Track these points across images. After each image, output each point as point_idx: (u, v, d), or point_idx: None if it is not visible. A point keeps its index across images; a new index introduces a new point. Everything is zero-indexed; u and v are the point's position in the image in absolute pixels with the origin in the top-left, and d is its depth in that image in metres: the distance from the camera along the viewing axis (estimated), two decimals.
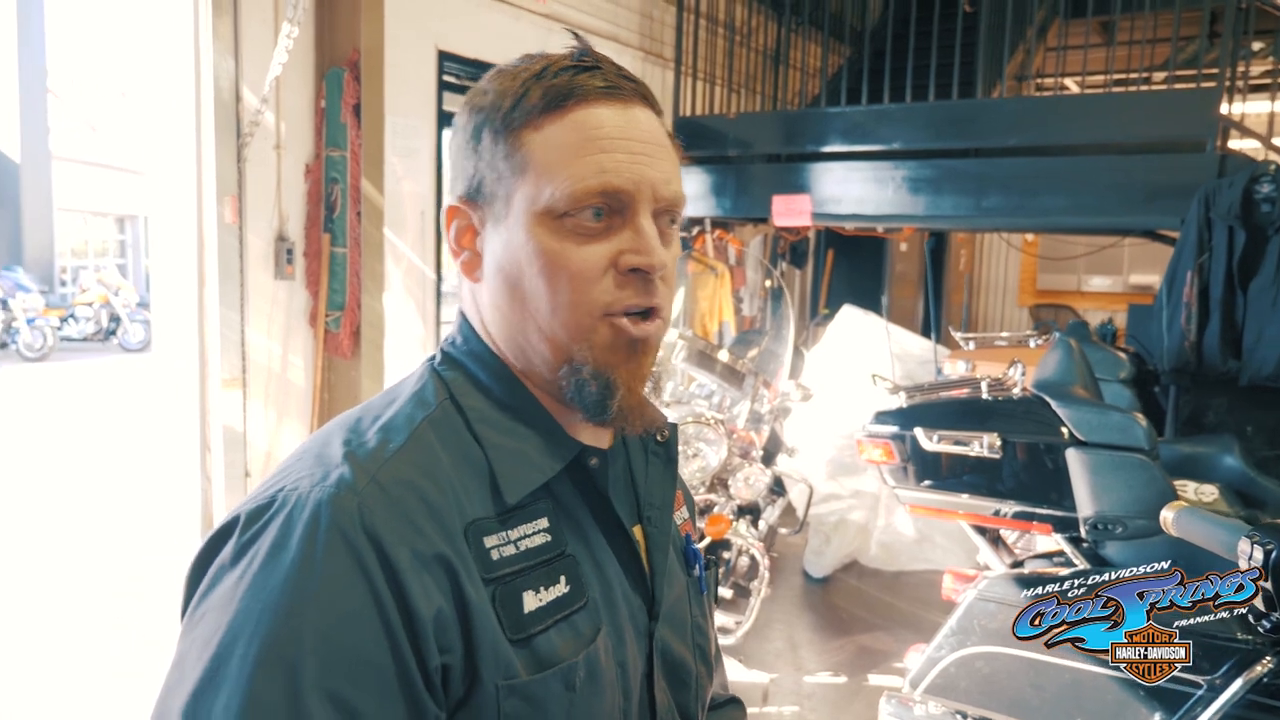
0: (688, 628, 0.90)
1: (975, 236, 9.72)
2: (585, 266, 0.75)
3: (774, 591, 4.32)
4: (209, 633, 0.64)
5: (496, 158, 0.77)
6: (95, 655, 3.35)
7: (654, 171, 0.76)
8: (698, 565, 0.94)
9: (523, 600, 0.72)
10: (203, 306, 3.53)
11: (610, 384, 0.76)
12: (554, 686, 0.73)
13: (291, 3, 3.41)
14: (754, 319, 6.05)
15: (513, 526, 0.74)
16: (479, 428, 0.76)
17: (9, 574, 4.29)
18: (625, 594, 0.82)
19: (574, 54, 0.78)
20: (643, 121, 0.78)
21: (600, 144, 0.75)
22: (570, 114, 0.75)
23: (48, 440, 7.42)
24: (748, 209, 5.46)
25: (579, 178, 0.74)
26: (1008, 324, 9.68)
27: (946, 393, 2.85)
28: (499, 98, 0.77)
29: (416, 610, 0.66)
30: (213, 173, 3.47)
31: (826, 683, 3.49)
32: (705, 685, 0.93)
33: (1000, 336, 4.43)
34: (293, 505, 0.67)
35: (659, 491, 0.88)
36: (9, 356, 12.37)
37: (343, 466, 0.69)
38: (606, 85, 0.76)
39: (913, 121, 4.95)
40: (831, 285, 7.82)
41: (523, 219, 0.76)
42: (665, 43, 5.76)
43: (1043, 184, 4.61)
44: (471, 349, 0.81)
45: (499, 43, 4.59)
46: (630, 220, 0.76)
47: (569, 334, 0.76)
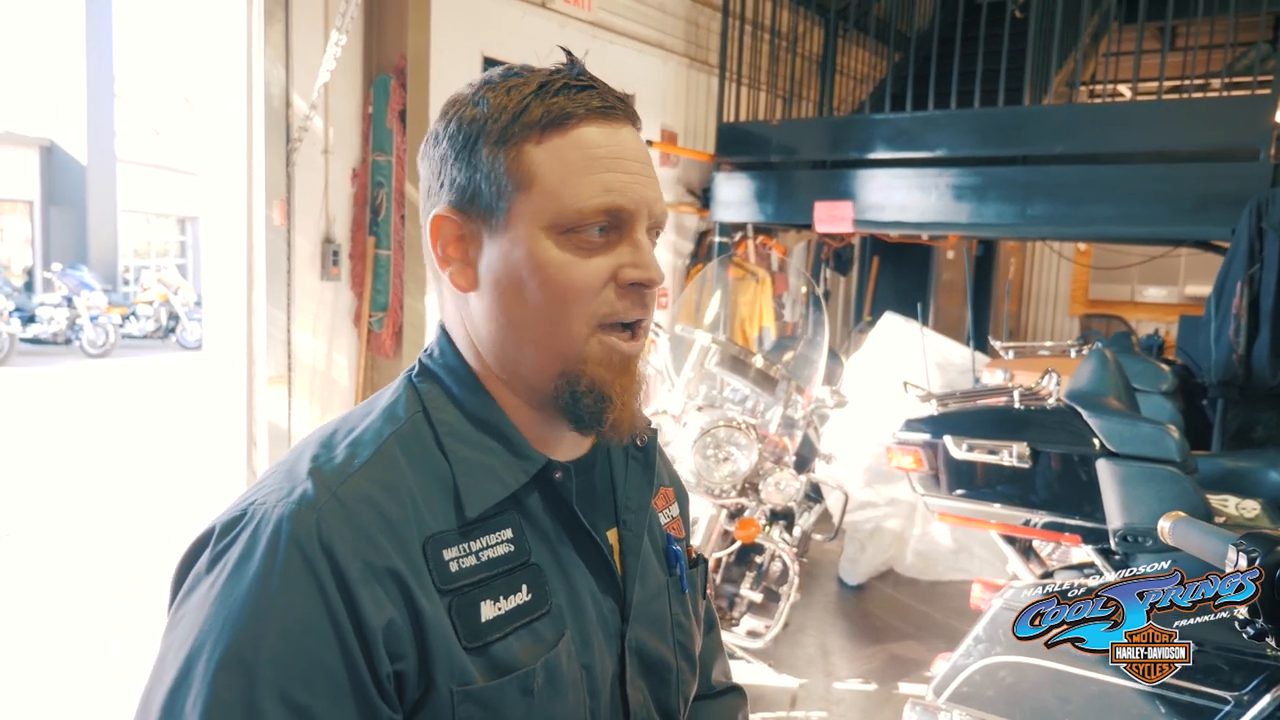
0: (668, 626, 0.92)
1: (1025, 245, 9.58)
2: (589, 280, 0.78)
3: (808, 598, 4.32)
4: (184, 635, 0.70)
5: (496, 170, 0.79)
6: (116, 653, 3.47)
7: (649, 191, 0.81)
8: (679, 565, 0.96)
9: (480, 609, 0.75)
10: (251, 306, 3.64)
11: (606, 399, 0.80)
12: (509, 692, 0.75)
13: (340, 11, 3.51)
14: (795, 325, 6.03)
15: (475, 538, 0.77)
16: (447, 441, 0.80)
17: (36, 569, 4.45)
18: (595, 598, 0.84)
19: (569, 72, 0.81)
20: (633, 141, 0.81)
21: (604, 163, 0.78)
22: (572, 132, 0.78)
23: (105, 435, 7.67)
24: (790, 215, 5.46)
25: (586, 196, 0.77)
26: (1058, 334, 9.51)
27: (978, 401, 2.83)
28: (496, 111, 0.79)
29: (367, 620, 0.70)
30: (262, 176, 3.57)
31: (856, 689, 3.48)
32: (688, 681, 0.95)
33: (1043, 346, 4.38)
34: (259, 519, 0.72)
35: (636, 495, 0.91)
36: (73, 352, 12.77)
37: (307, 482, 0.73)
38: (604, 106, 0.79)
39: (958, 128, 4.91)
40: (876, 292, 7.76)
41: (526, 232, 0.78)
42: (710, 49, 5.79)
43: (1090, 192, 4.55)
44: (447, 362, 0.84)
45: (544, 50, 4.62)
46: (627, 236, 0.80)
47: (567, 345, 0.79)
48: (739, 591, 3.35)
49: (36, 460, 6.65)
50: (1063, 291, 9.93)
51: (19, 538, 4.77)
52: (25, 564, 4.42)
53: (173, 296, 14.34)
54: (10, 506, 5.34)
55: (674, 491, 1.03)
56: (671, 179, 5.69)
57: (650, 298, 0.81)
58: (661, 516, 0.98)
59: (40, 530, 4.92)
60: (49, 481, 6.03)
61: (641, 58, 5.32)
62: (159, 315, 14.29)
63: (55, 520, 5.12)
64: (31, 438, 7.46)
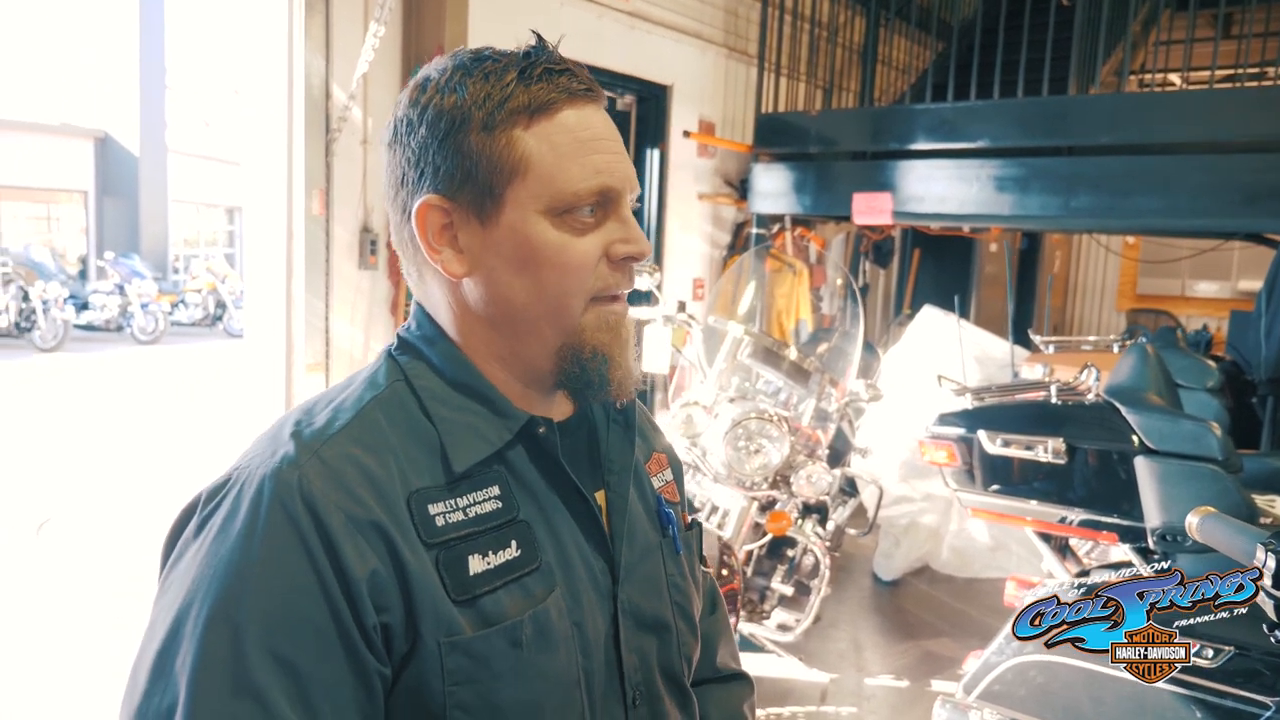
0: (663, 586, 0.94)
1: (1071, 238, 9.39)
2: (585, 258, 0.82)
3: (841, 593, 4.29)
4: (173, 598, 0.72)
5: (486, 157, 0.80)
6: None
7: (629, 168, 0.84)
8: (671, 526, 0.97)
9: (468, 563, 0.77)
10: (290, 294, 3.70)
11: (609, 360, 0.84)
12: (497, 643, 0.76)
13: (379, 3, 3.54)
14: (833, 317, 5.98)
15: (461, 494, 0.79)
16: (430, 405, 0.82)
17: (73, 557, 4.56)
18: (585, 557, 0.85)
19: (544, 56, 0.82)
20: (607, 120, 0.85)
21: (590, 145, 0.81)
22: (556, 116, 0.81)
23: (150, 420, 7.84)
24: (828, 206, 5.41)
25: (580, 178, 0.80)
26: (1104, 329, 9.32)
27: (1014, 396, 2.78)
28: (480, 97, 0.80)
29: (350, 571, 0.71)
30: (302, 166, 3.62)
31: (888, 685, 3.45)
32: (688, 642, 0.96)
33: (1086, 340, 4.30)
34: (243, 482, 0.75)
35: (619, 456, 0.93)
36: (124, 339, 13.08)
37: (288, 444, 0.76)
38: (583, 87, 0.82)
39: (1001, 118, 4.82)
40: (917, 286, 7.66)
41: (522, 215, 0.80)
42: (750, 39, 5.74)
43: (1136, 184, 4.44)
44: (425, 334, 0.86)
45: (581, 40, 4.65)
46: (615, 212, 0.83)
47: (567, 320, 0.83)
48: (770, 584, 3.34)
49: (82, 446, 6.82)
50: (1110, 286, 9.72)
51: (57, 525, 4.88)
52: (62, 552, 4.53)
53: (220, 285, 14.62)
54: (50, 494, 5.48)
55: (667, 458, 1.05)
56: (709, 170, 5.66)
57: (634, 270, 0.86)
58: (655, 480, 1.00)
59: (78, 518, 5.04)
60: (92, 468, 6.18)
61: (680, 48, 5.29)
62: (207, 303, 14.57)
63: (94, 507, 5.25)
64: (81, 423, 7.65)
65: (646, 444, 1.02)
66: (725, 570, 2.95)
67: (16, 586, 4.04)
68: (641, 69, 5.06)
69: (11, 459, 6.31)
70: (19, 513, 5.02)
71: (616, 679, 0.86)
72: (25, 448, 6.68)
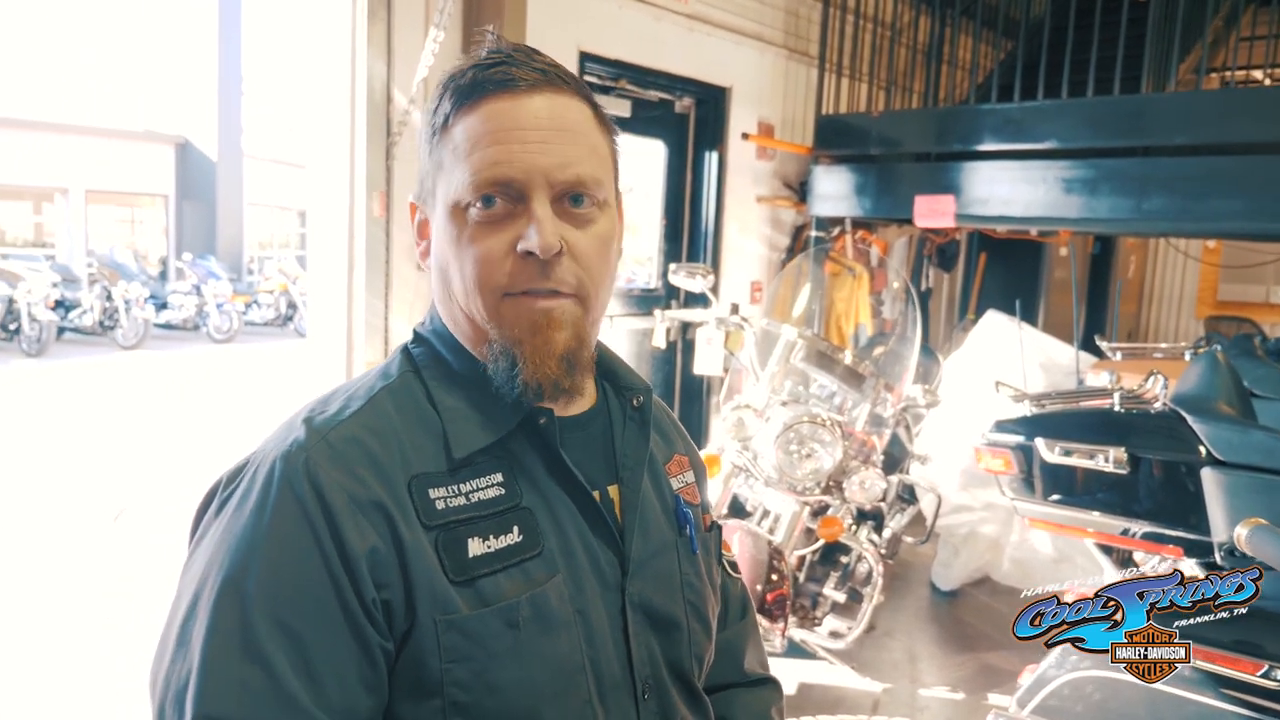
0: (676, 583, 0.94)
1: (1147, 243, 9.09)
2: (487, 252, 0.81)
3: (898, 602, 4.21)
4: (194, 573, 0.77)
5: (426, 158, 0.86)
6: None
7: (548, 158, 0.80)
8: (688, 526, 0.97)
9: (467, 545, 0.79)
10: (351, 294, 3.77)
11: (515, 358, 0.82)
12: (492, 623, 0.78)
13: (439, 8, 3.59)
14: (894, 322, 5.89)
15: (463, 480, 0.81)
16: (436, 394, 0.85)
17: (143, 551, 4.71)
18: (588, 547, 0.86)
19: (487, 50, 0.84)
20: (548, 109, 0.82)
21: (494, 135, 0.80)
22: (475, 110, 0.81)
23: (221, 417, 8.08)
24: (889, 209, 5.33)
25: (474, 170, 0.80)
26: (1182, 337, 8.98)
27: (1076, 403, 2.70)
28: (432, 102, 0.85)
29: (350, 547, 0.74)
30: (363, 169, 3.69)
31: (942, 698, 3.38)
32: (700, 641, 0.96)
33: (1157, 348, 4.15)
34: (258, 465, 0.79)
35: (633, 452, 0.93)
36: (200, 338, 13.52)
37: (300, 430, 0.80)
38: (505, 79, 0.81)
39: (1070, 118, 4.69)
40: (983, 290, 7.49)
41: (441, 212, 0.84)
42: (811, 40, 5.69)
43: (1213, 186, 4.27)
44: (435, 328, 0.90)
45: (640, 44, 4.66)
46: (528, 207, 0.81)
47: (481, 315, 0.84)
48: (823, 591, 3.30)
49: (158, 439, 7.07)
50: (1189, 292, 9.37)
51: (132, 515, 5.06)
52: (136, 541, 4.69)
53: (291, 286, 15.02)
54: (127, 484, 5.68)
55: (689, 461, 1.05)
56: (768, 172, 5.62)
57: (552, 266, 0.81)
58: (674, 481, 1.00)
59: (152, 508, 5.22)
60: (167, 460, 6.40)
61: (739, 50, 5.27)
62: (279, 304, 14.98)
63: (167, 498, 5.42)
64: (158, 417, 7.93)
65: (668, 445, 1.03)
66: (775, 575, 2.92)
67: (93, 573, 4.19)
68: (700, 71, 5.04)
69: (92, 451, 6.57)
70: (97, 502, 5.22)
71: (627, 670, 0.87)
72: (105, 440, 6.95)
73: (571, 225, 0.82)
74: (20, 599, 3.89)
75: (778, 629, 2.90)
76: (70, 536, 4.67)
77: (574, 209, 0.83)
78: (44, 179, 16.91)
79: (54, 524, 4.87)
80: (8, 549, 4.49)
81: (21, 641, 3.48)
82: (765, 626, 2.88)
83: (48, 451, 6.56)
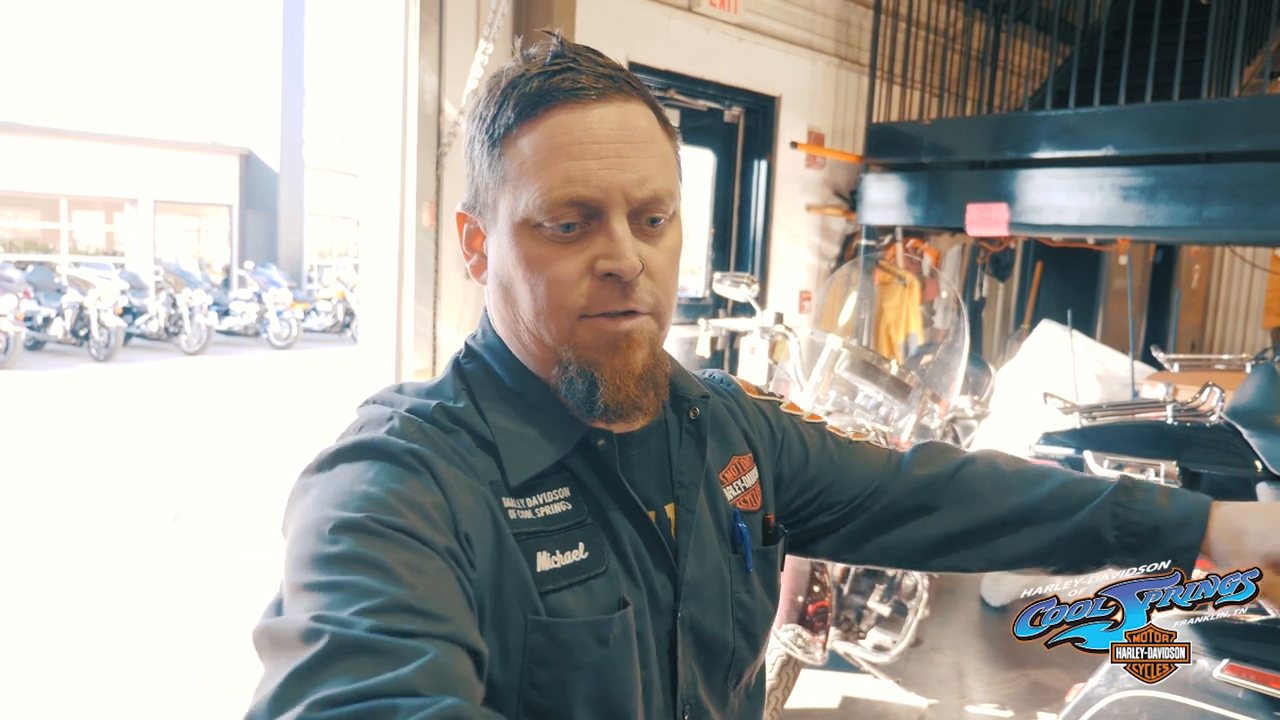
0: (727, 603, 0.91)
1: (1211, 251, 8.84)
2: (562, 273, 0.77)
3: (946, 615, 4.15)
4: (293, 532, 0.72)
5: (484, 168, 0.81)
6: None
7: (625, 174, 0.76)
8: (744, 544, 0.93)
9: (536, 559, 0.77)
10: (401, 302, 3.84)
11: (595, 380, 0.79)
12: (583, 636, 0.76)
13: (489, 21, 3.65)
14: (945, 331, 5.81)
15: (530, 495, 0.79)
16: (490, 415, 0.82)
17: (199, 554, 4.82)
18: (645, 569, 0.84)
19: (549, 55, 0.79)
20: (619, 119, 0.78)
21: (568, 151, 0.76)
22: (543, 121, 0.77)
23: (277, 422, 8.27)
24: (940, 218, 5.26)
25: (548, 189, 0.76)
26: (1248, 348, 8.71)
27: (1128, 415, 2.64)
28: (486, 109, 0.81)
29: (453, 497, 0.73)
30: (414, 179, 3.76)
31: (990, 715, 3.31)
32: (746, 659, 0.93)
33: (1218, 359, 4.03)
34: (352, 445, 0.76)
35: (689, 470, 0.90)
36: (261, 344, 13.85)
37: (391, 421, 0.78)
38: (575, 88, 0.77)
39: (1128, 124, 4.59)
40: (1039, 300, 7.36)
41: (506, 228, 0.80)
42: (862, 48, 5.65)
43: (1278, 192, 4.15)
44: (488, 342, 0.87)
45: (689, 53, 4.68)
46: (605, 226, 0.77)
47: (553, 336, 0.80)
48: (867, 604, 3.26)
49: (218, 444, 7.25)
50: (1256, 302, 9.09)
51: (190, 518, 5.20)
52: (193, 543, 4.82)
53: (349, 294, 15.30)
54: (187, 488, 5.83)
55: (751, 459, 0.99)
56: (818, 181, 5.59)
57: (632, 287, 0.78)
58: (730, 489, 0.95)
59: (210, 511, 5.35)
60: (226, 464, 6.56)
61: (789, 59, 5.26)
62: (336, 311, 15.28)
63: (225, 502, 5.56)
64: (219, 422, 8.14)
65: (724, 450, 0.97)
66: (817, 587, 2.90)
67: (151, 575, 4.32)
68: (750, 80, 5.04)
69: (153, 454, 6.77)
70: (157, 505, 5.38)
71: (670, 692, 0.86)
72: (167, 444, 7.15)
73: (645, 241, 0.79)
74: (76, 598, 4.02)
75: (819, 641, 2.87)
76: (129, 538, 4.82)
77: (649, 227, 0.80)
78: (115, 190, 17.52)
79: (114, 525, 5.02)
80: (68, 548, 4.65)
81: (71, 639, 3.60)
82: (806, 639, 2.86)
83: (112, 453, 6.78)
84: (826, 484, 1.03)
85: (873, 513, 1.03)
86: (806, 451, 1.04)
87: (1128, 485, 0.99)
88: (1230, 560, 0.90)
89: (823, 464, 1.04)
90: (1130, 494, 0.98)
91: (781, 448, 1.03)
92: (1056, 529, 1.00)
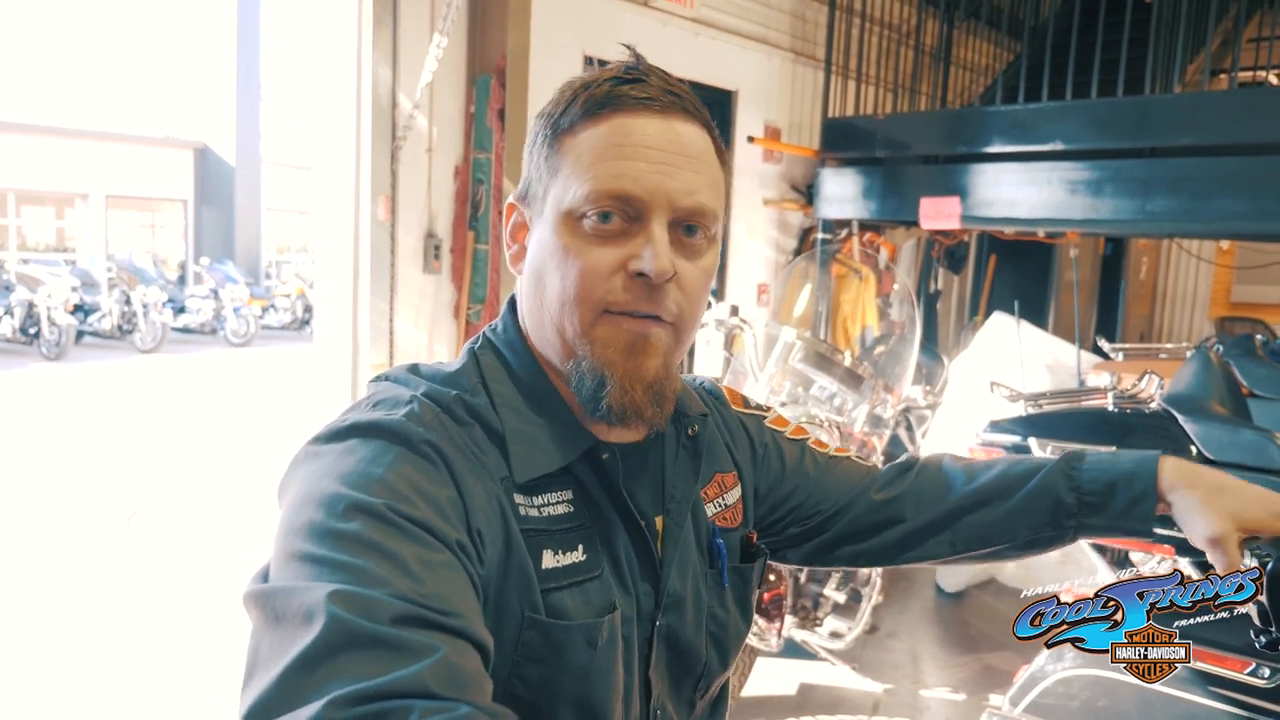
0: (703, 616, 0.93)
1: (1160, 244, 9.05)
2: (595, 264, 0.78)
3: (901, 603, 4.22)
4: (292, 501, 0.72)
5: (540, 160, 0.83)
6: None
7: (674, 182, 0.78)
8: (720, 560, 0.95)
9: (541, 556, 0.78)
10: (356, 297, 3.83)
11: (604, 379, 0.80)
12: (575, 638, 0.78)
13: (443, 15, 3.64)
14: (901, 324, 5.89)
15: (536, 493, 0.80)
16: (502, 411, 0.82)
17: (157, 552, 4.76)
18: (634, 579, 0.86)
19: (624, 66, 0.82)
20: (677, 133, 0.80)
21: (624, 150, 0.78)
22: (605, 121, 0.79)
23: (234, 419, 8.16)
24: (895, 211, 5.34)
25: (595, 181, 0.77)
26: (1195, 337, 8.94)
27: (1072, 403, 2.71)
28: (554, 106, 0.83)
29: (467, 491, 0.74)
30: (369, 173, 3.75)
31: (943, 699, 3.38)
32: (715, 672, 0.95)
33: (1161, 348, 4.14)
34: (364, 425, 0.75)
35: (682, 485, 0.91)
36: (218, 341, 13.63)
37: (410, 405, 0.78)
38: (645, 96, 0.79)
39: (1075, 119, 4.69)
40: (994, 292, 7.48)
41: (551, 217, 0.81)
42: (817, 43, 5.71)
43: (1218, 186, 4.26)
44: (508, 337, 0.88)
45: (645, 48, 4.62)
46: (645, 227, 0.78)
47: (574, 328, 0.80)
48: (823, 591, 3.31)
49: (173, 442, 7.15)
50: (1201, 293, 9.32)
51: (146, 518, 5.12)
52: (149, 543, 4.75)
53: (308, 290, 15.09)
54: (141, 487, 5.75)
55: (736, 475, 1.01)
56: (775, 175, 5.64)
57: (660, 293, 0.79)
58: (710, 506, 0.96)
59: (166, 511, 5.28)
60: (181, 463, 6.47)
61: (745, 54, 5.30)
62: (295, 308, 15.09)
63: (181, 501, 5.49)
64: (174, 420, 8.02)
65: (711, 464, 0.98)
66: (772, 575, 2.94)
67: (107, 574, 4.26)
68: (707, 75, 5.08)
69: (107, 453, 6.66)
70: (111, 504, 5.29)
71: (644, 699, 0.88)
72: (122, 443, 7.04)
73: (682, 253, 0.80)
74: (32, 599, 3.96)
75: (775, 629, 2.92)
76: (84, 537, 4.74)
77: (687, 238, 0.81)
78: (66, 184, 17.14)
79: (68, 525, 4.94)
80: (22, 549, 4.57)
81: (30, 641, 3.54)
82: (762, 626, 2.90)
83: (65, 453, 6.65)
84: (801, 499, 1.06)
85: (844, 524, 1.07)
86: (784, 467, 1.06)
87: (1076, 454, 1.04)
88: (1183, 493, 0.94)
89: (799, 479, 1.06)
90: (1080, 459, 1.03)
91: (761, 463, 1.05)
92: (1013, 500, 1.04)
